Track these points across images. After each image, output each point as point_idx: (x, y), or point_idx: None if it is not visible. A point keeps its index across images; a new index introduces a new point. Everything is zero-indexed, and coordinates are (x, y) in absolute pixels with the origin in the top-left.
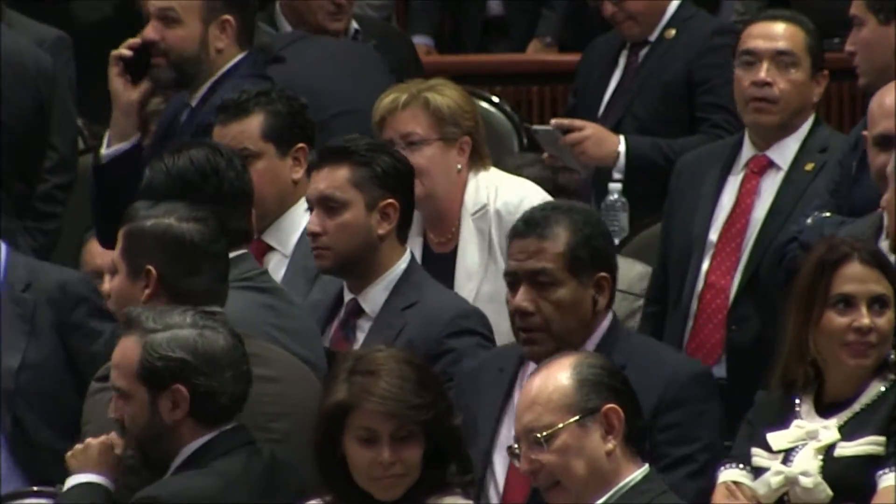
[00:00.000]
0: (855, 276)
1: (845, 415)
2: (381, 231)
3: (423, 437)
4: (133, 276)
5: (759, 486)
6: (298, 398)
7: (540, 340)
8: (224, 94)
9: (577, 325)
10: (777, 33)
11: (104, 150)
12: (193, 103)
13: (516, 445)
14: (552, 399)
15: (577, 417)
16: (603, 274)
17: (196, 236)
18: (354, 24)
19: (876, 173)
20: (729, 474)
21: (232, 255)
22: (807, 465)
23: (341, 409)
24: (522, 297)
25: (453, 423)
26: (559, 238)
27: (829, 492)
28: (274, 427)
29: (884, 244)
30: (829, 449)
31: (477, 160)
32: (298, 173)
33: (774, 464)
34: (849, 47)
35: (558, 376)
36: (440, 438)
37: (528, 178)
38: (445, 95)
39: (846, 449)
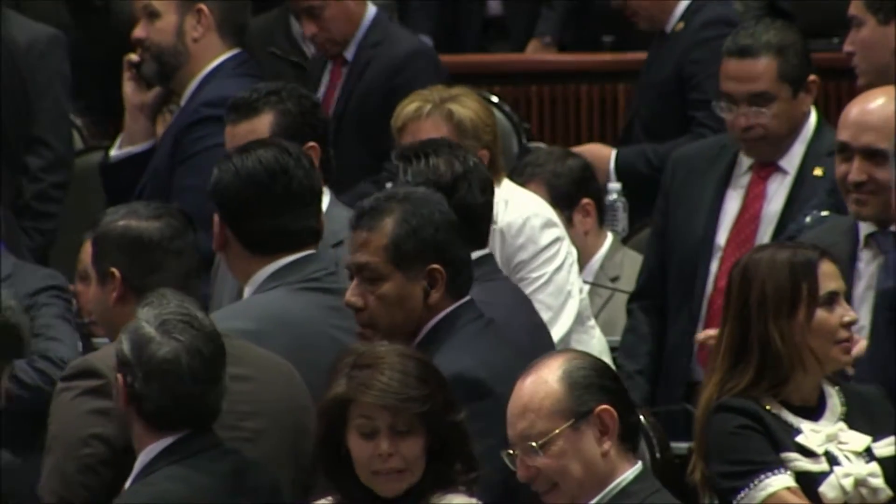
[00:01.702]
0: (834, 274)
1: (832, 417)
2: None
3: (424, 432)
4: (102, 281)
5: (829, 490)
6: (273, 397)
7: (369, 336)
8: (208, 94)
9: (405, 319)
10: (748, 73)
11: (113, 152)
12: (182, 103)
13: (512, 451)
14: (544, 405)
15: (570, 422)
16: (435, 266)
17: (154, 234)
18: None
19: (838, 180)
20: (782, 480)
21: (300, 255)
22: (870, 466)
23: (340, 403)
24: (351, 293)
25: (455, 419)
26: (384, 230)
27: (890, 492)
28: (244, 426)
29: (865, 253)
30: (868, 451)
31: (492, 173)
32: None
33: (837, 467)
34: (847, 47)
35: (548, 381)
36: (442, 434)
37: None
38: (468, 108)
39: (881, 450)
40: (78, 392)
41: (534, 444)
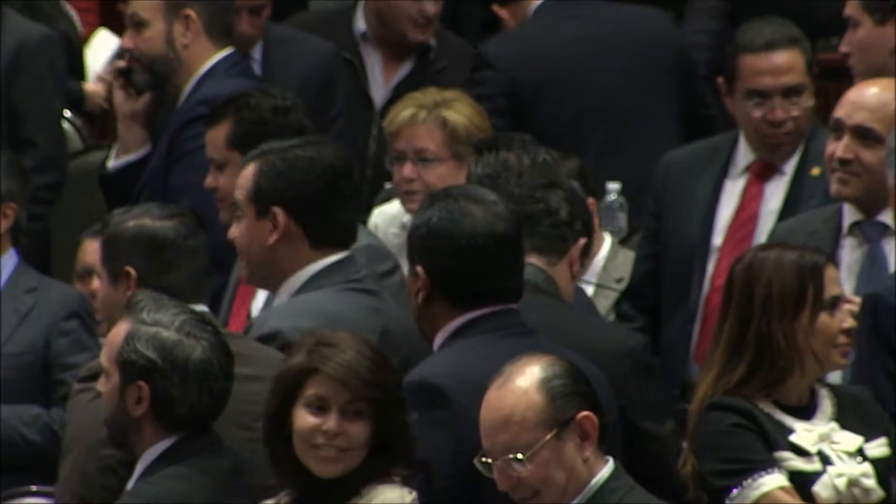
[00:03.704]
0: (837, 279)
1: (824, 417)
2: None
3: (372, 422)
4: (114, 281)
5: (822, 490)
6: None
7: None
8: (203, 93)
9: None
10: (782, 66)
11: (110, 163)
12: (179, 105)
13: (489, 461)
14: (527, 417)
15: (554, 432)
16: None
17: (170, 233)
18: (432, 40)
19: (826, 158)
20: (776, 479)
21: (340, 256)
22: (863, 467)
23: (299, 374)
24: None
25: (404, 418)
26: None
27: (881, 493)
28: (258, 426)
29: (848, 240)
30: (861, 451)
31: None
32: None
33: (830, 467)
34: (844, 48)
35: (528, 391)
36: (388, 429)
37: None
38: (461, 113)
39: (873, 450)
40: (96, 393)
41: (520, 455)
